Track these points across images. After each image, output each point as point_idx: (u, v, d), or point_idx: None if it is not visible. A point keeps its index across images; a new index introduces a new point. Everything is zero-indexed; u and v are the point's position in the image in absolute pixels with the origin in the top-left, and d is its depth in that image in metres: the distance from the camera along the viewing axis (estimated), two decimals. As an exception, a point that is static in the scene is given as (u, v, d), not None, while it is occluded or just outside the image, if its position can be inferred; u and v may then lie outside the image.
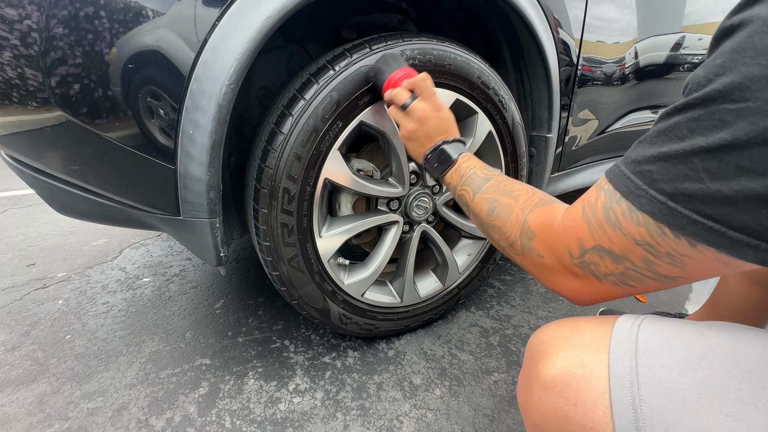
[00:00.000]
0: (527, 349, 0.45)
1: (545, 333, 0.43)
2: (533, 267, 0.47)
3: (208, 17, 0.60)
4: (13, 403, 0.85)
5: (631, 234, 0.35)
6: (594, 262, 0.39)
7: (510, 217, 0.50)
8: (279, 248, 0.78)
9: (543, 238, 0.45)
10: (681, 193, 0.30)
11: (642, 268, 0.36)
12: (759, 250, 0.28)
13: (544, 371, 0.39)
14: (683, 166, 0.30)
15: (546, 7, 0.91)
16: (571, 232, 0.41)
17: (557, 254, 0.43)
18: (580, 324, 0.41)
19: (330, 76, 0.71)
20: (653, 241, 0.34)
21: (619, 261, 0.37)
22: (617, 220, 0.36)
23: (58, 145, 0.67)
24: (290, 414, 0.81)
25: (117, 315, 1.14)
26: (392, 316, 0.98)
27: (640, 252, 0.35)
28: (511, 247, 0.50)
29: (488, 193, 0.55)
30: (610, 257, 0.38)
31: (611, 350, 0.36)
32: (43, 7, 0.55)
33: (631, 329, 0.37)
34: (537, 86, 1.02)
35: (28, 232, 1.77)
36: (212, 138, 0.64)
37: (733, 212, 0.28)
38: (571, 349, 0.38)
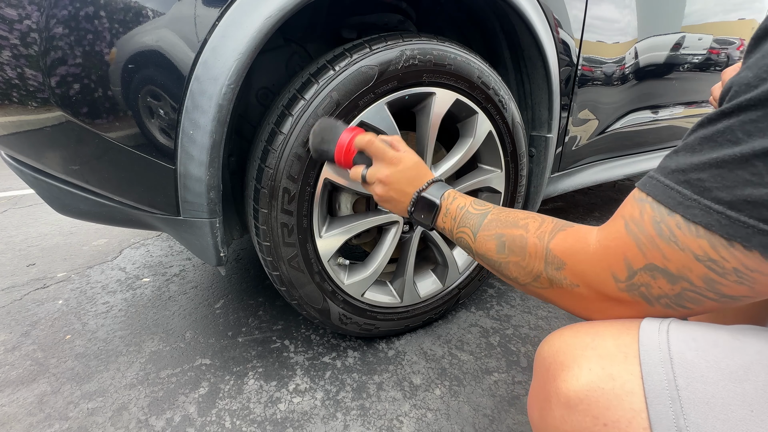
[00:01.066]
0: (539, 358, 0.40)
1: (561, 340, 0.38)
2: (566, 299, 0.41)
3: (208, 17, 0.60)
4: (13, 403, 0.85)
5: (691, 249, 0.31)
6: (645, 284, 0.35)
7: (526, 249, 0.44)
8: (279, 248, 0.78)
9: (575, 264, 0.40)
10: (743, 201, 0.28)
11: (702, 288, 0.32)
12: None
13: (566, 386, 0.35)
14: (743, 171, 0.28)
15: (546, 7, 0.91)
16: (614, 252, 0.36)
17: (598, 280, 0.38)
18: (600, 330, 0.37)
19: (330, 76, 0.71)
20: (717, 256, 0.30)
21: (676, 281, 0.33)
22: (672, 233, 0.32)
23: (58, 145, 0.67)
24: (290, 414, 0.81)
25: (117, 315, 1.14)
26: (392, 316, 0.98)
27: (700, 270, 0.31)
28: (536, 281, 0.44)
29: (490, 230, 0.50)
30: (665, 277, 0.33)
31: (642, 361, 0.32)
32: (43, 7, 0.55)
33: (659, 336, 0.33)
34: (537, 86, 1.02)
35: (28, 232, 1.77)
36: (212, 138, 0.64)
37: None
38: (596, 360, 0.34)
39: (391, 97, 0.77)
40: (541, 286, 0.43)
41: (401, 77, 0.76)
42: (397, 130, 0.80)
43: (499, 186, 1.00)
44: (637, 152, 1.43)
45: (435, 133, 0.85)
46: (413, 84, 0.78)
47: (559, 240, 0.42)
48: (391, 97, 0.77)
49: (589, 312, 0.40)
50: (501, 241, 0.48)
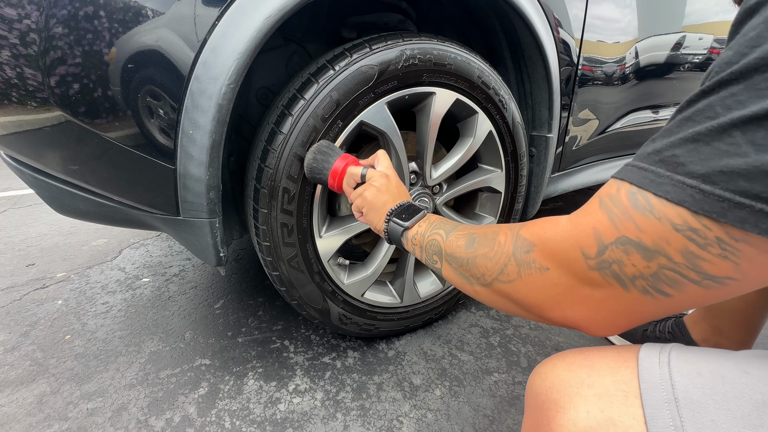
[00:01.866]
0: (530, 392, 0.37)
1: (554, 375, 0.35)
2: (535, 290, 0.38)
3: (207, 17, 0.60)
4: (12, 403, 0.85)
5: (669, 217, 0.28)
6: (617, 260, 0.31)
7: (496, 239, 0.42)
8: (279, 248, 0.78)
9: (544, 243, 0.37)
10: (718, 172, 0.26)
11: (681, 266, 0.29)
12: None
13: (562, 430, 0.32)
14: (719, 142, 0.26)
15: (546, 6, 0.91)
16: (584, 226, 0.33)
17: (566, 258, 0.34)
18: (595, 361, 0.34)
19: (330, 75, 0.71)
20: (699, 225, 0.27)
21: (652, 256, 0.30)
22: (648, 203, 0.29)
23: (57, 145, 0.67)
24: (290, 414, 0.81)
25: (116, 315, 1.14)
26: (392, 317, 0.97)
27: (679, 241, 0.28)
28: (503, 274, 0.40)
29: (464, 230, 0.48)
30: (639, 252, 0.30)
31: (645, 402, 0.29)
32: (42, 6, 0.55)
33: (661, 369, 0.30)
34: (537, 86, 1.02)
35: (28, 232, 1.76)
36: (212, 138, 0.64)
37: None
38: (593, 400, 0.31)
39: (391, 97, 0.77)
40: (508, 278, 0.39)
41: (401, 77, 0.76)
42: (397, 130, 0.80)
43: (500, 186, 1.00)
44: (638, 152, 1.43)
45: (435, 132, 0.85)
46: (413, 84, 0.78)
47: (529, 225, 0.40)
48: (391, 96, 0.77)
49: (562, 306, 0.36)
50: (471, 238, 0.46)
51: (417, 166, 0.88)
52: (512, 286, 0.39)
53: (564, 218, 0.37)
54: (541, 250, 0.37)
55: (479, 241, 0.44)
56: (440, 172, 0.90)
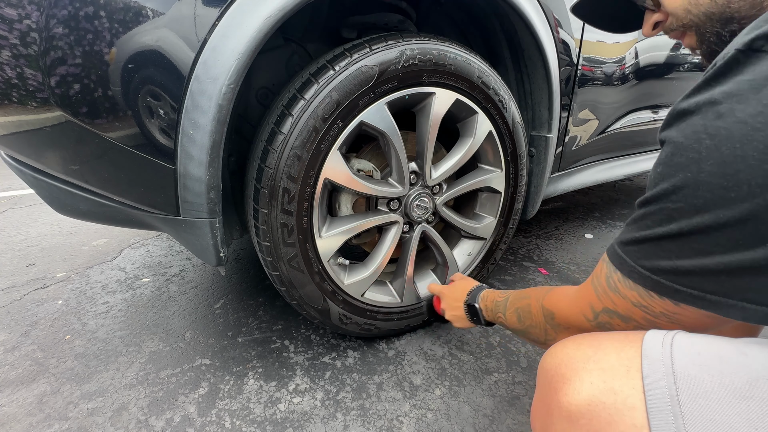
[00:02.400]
0: (541, 370, 0.41)
1: (563, 352, 0.40)
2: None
3: (208, 17, 0.60)
4: (12, 403, 0.85)
5: (628, 297, 0.40)
6: (607, 322, 0.44)
7: (531, 313, 0.57)
8: (279, 248, 0.78)
9: (560, 311, 0.51)
10: (658, 269, 0.36)
11: (647, 326, 0.39)
12: (737, 308, 0.32)
13: (567, 399, 0.35)
14: (655, 248, 0.36)
15: (546, 6, 0.91)
16: (583, 300, 0.47)
17: (576, 321, 0.48)
18: (603, 342, 0.38)
19: (330, 76, 0.71)
20: (646, 303, 0.39)
21: (627, 321, 0.41)
22: (615, 286, 0.41)
23: (58, 145, 0.67)
24: (290, 414, 0.81)
25: (117, 315, 1.14)
26: (392, 316, 0.98)
27: (639, 313, 0.40)
28: (548, 335, 0.54)
29: (510, 308, 0.64)
30: (619, 317, 0.42)
31: (645, 375, 0.33)
32: (42, 6, 0.55)
33: (663, 349, 0.33)
34: (537, 86, 1.02)
35: (28, 232, 1.76)
36: (212, 138, 0.64)
37: (702, 281, 0.33)
38: (597, 373, 0.35)
39: (391, 97, 0.77)
40: (552, 337, 0.53)
41: (401, 77, 0.76)
42: (397, 130, 0.80)
43: (499, 186, 1.00)
44: (638, 152, 1.43)
45: (435, 133, 0.85)
46: (413, 84, 0.78)
47: (549, 296, 0.54)
48: (391, 97, 0.77)
49: None
50: (518, 314, 0.61)
51: (417, 166, 0.88)
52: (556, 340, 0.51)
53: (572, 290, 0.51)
54: (560, 317, 0.52)
55: (523, 316, 0.60)
56: (440, 172, 0.90)
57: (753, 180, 0.29)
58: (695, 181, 0.32)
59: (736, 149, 0.30)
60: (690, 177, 0.32)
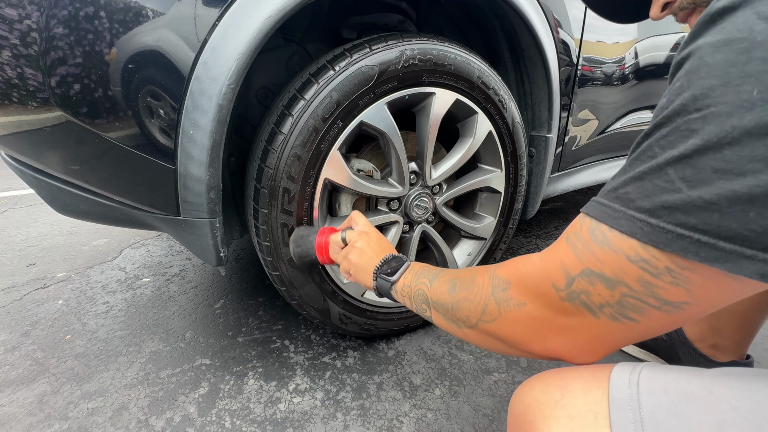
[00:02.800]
0: (511, 413, 0.40)
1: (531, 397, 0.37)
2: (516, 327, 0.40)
3: (208, 17, 0.60)
4: (13, 403, 0.85)
5: (623, 250, 0.32)
6: (584, 290, 0.34)
7: (475, 281, 0.45)
8: (279, 248, 0.78)
9: (519, 280, 0.40)
10: (660, 206, 0.29)
11: (641, 293, 0.32)
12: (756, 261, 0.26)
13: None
14: (659, 180, 0.30)
15: (546, 7, 0.91)
16: (553, 261, 0.37)
17: (539, 291, 0.38)
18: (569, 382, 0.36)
19: (330, 76, 0.71)
20: (648, 255, 0.30)
21: (614, 285, 0.33)
22: (605, 237, 0.33)
23: (58, 145, 0.67)
24: (290, 414, 0.81)
25: (117, 315, 1.14)
26: (392, 316, 0.98)
27: (635, 271, 0.31)
28: (485, 314, 0.43)
29: (446, 276, 0.52)
30: (602, 281, 0.33)
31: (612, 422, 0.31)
32: (43, 7, 0.55)
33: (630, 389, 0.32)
34: (537, 86, 1.02)
35: (28, 232, 1.77)
36: (212, 138, 0.64)
37: (718, 219, 0.27)
38: (565, 421, 0.33)
39: (391, 97, 0.77)
40: (490, 318, 0.42)
41: (401, 77, 0.76)
42: (397, 130, 0.80)
43: (499, 186, 1.00)
44: (637, 152, 1.43)
45: (435, 133, 0.85)
46: (413, 84, 0.78)
47: (504, 264, 0.44)
48: (391, 97, 0.77)
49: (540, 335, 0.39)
50: (453, 283, 0.49)
51: (417, 166, 0.88)
52: (495, 325, 0.42)
53: (535, 255, 0.41)
54: (517, 287, 0.40)
55: (460, 285, 0.47)
56: (440, 172, 0.90)
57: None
58: (742, 73, 0.26)
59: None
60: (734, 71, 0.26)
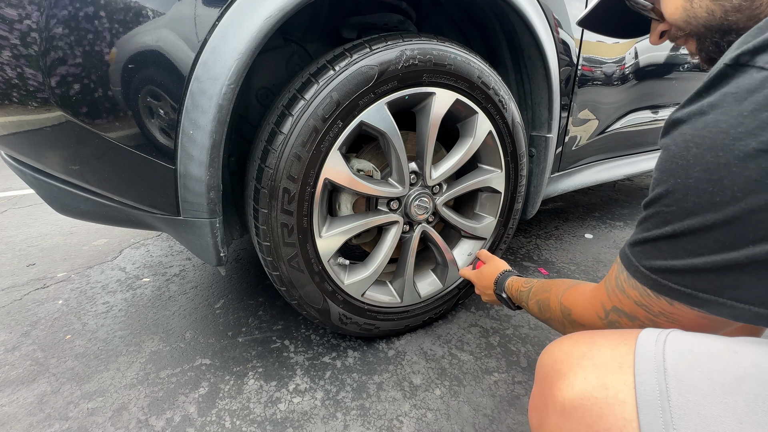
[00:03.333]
0: (539, 366, 0.43)
1: (559, 349, 0.41)
2: None
3: (208, 17, 0.60)
4: (13, 403, 0.85)
5: (631, 296, 0.43)
6: (617, 321, 0.46)
7: (550, 307, 0.60)
8: (279, 248, 0.78)
9: (576, 309, 0.54)
10: (655, 268, 0.39)
11: (650, 323, 0.42)
12: (726, 306, 0.34)
13: (561, 393, 0.37)
14: (653, 248, 0.39)
15: (546, 7, 0.91)
16: (596, 299, 0.50)
17: (589, 319, 0.51)
18: (598, 339, 0.39)
19: (330, 76, 0.71)
20: (645, 302, 0.41)
21: (633, 320, 0.44)
22: (621, 286, 0.44)
23: (58, 145, 0.67)
24: (290, 414, 0.81)
25: (117, 315, 1.14)
26: (392, 316, 0.98)
27: (641, 312, 0.42)
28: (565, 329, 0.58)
29: (532, 299, 0.68)
30: (626, 316, 0.44)
31: (636, 371, 0.34)
32: (43, 7, 0.55)
33: (656, 347, 0.34)
34: (537, 86, 1.02)
35: (28, 232, 1.77)
36: (212, 138, 0.64)
37: (693, 279, 0.36)
38: (591, 369, 0.36)
39: (391, 97, 0.77)
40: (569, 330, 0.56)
41: (401, 77, 0.76)
42: (397, 130, 0.80)
43: (499, 186, 1.00)
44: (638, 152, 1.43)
45: (435, 133, 0.85)
46: (413, 84, 0.78)
47: (567, 295, 0.57)
48: (391, 97, 0.77)
49: None
50: (539, 306, 0.64)
51: (417, 166, 0.88)
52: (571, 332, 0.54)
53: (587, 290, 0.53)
54: (575, 314, 0.54)
55: (543, 308, 0.63)
56: (440, 172, 0.90)
57: (735, 186, 0.31)
58: (684, 186, 0.35)
59: (719, 157, 0.32)
60: (680, 182, 0.35)
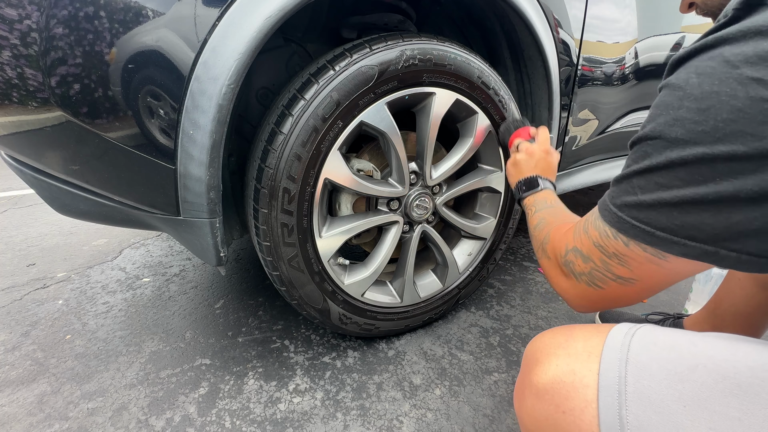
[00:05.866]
0: (524, 356, 0.47)
1: (541, 340, 0.45)
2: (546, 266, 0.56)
3: (208, 17, 0.60)
4: (13, 403, 0.85)
5: (591, 237, 0.45)
6: (572, 261, 0.48)
7: (543, 230, 0.62)
8: (279, 248, 0.78)
9: (551, 243, 0.55)
10: (623, 204, 0.40)
11: (601, 269, 0.44)
12: (679, 245, 0.36)
13: (536, 378, 0.41)
14: (626, 185, 0.40)
15: (546, 7, 0.91)
16: (564, 238, 0.52)
17: (555, 253, 0.53)
18: (575, 332, 0.43)
19: (330, 76, 0.71)
20: (602, 243, 0.43)
21: (586, 260, 0.46)
22: (586, 227, 0.46)
23: (58, 145, 0.67)
24: (290, 414, 0.81)
25: (117, 315, 1.14)
26: (392, 316, 0.98)
27: (596, 253, 0.44)
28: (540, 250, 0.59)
29: (543, 213, 0.67)
30: (581, 257, 0.47)
31: (602, 360, 0.37)
32: (43, 7, 0.55)
33: (624, 339, 0.38)
34: (537, 86, 1.02)
35: (28, 232, 1.77)
36: (212, 138, 0.64)
37: (656, 216, 0.37)
38: (564, 357, 0.40)
39: (391, 97, 0.77)
40: (541, 255, 0.58)
41: (401, 77, 0.76)
42: (397, 130, 0.80)
43: (499, 186, 1.00)
44: (637, 152, 1.43)
45: (435, 133, 0.85)
46: (413, 84, 0.78)
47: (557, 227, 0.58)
48: (391, 97, 0.77)
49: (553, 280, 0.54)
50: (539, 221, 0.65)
51: (417, 166, 0.88)
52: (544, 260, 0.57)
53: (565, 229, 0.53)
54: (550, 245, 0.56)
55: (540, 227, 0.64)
56: (440, 172, 0.90)
57: (719, 116, 0.32)
58: (674, 118, 0.35)
59: (714, 85, 0.32)
60: (671, 114, 0.35)
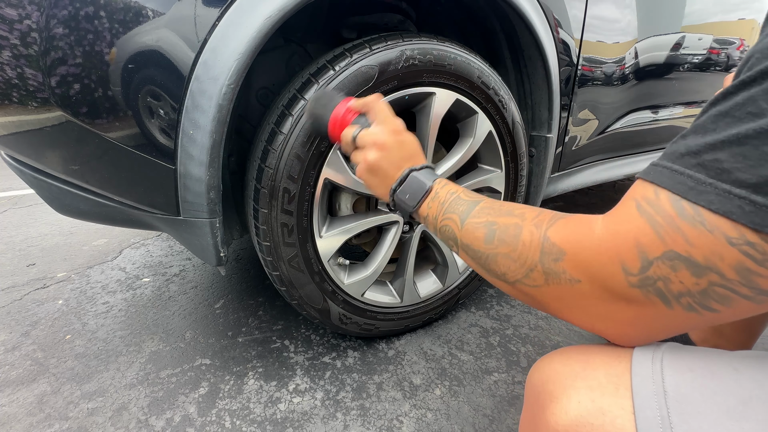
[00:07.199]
0: (528, 385, 0.39)
1: (550, 368, 0.36)
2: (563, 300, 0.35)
3: (208, 17, 0.60)
4: (13, 403, 0.85)
5: (722, 230, 0.25)
6: (663, 278, 0.28)
7: (520, 238, 0.38)
8: (279, 248, 0.78)
9: (576, 253, 0.33)
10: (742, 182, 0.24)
11: (734, 282, 0.26)
12: None
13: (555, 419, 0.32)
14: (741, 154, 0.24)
15: (546, 7, 0.91)
16: (625, 237, 0.30)
17: (604, 273, 0.32)
18: (591, 357, 0.34)
19: (330, 76, 0.71)
20: (757, 239, 0.24)
21: (702, 273, 0.27)
22: (698, 213, 0.26)
23: (58, 145, 0.67)
24: (290, 414, 0.81)
25: (117, 315, 1.14)
26: (392, 316, 0.98)
27: (734, 256, 0.25)
28: (528, 277, 0.37)
29: (481, 217, 0.44)
30: (689, 268, 0.27)
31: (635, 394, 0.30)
32: (43, 7, 0.55)
33: (653, 365, 0.31)
34: (537, 86, 1.02)
35: (28, 232, 1.77)
36: (212, 138, 0.64)
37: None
38: (585, 392, 0.32)
39: (391, 97, 0.77)
40: (533, 283, 0.37)
41: (401, 77, 0.76)
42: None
43: (499, 186, 1.00)
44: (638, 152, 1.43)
45: (435, 133, 0.85)
46: (413, 84, 0.78)
47: (559, 227, 0.36)
48: (391, 97, 0.77)
49: (590, 317, 0.34)
50: (491, 230, 0.41)
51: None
52: (538, 291, 0.37)
53: (598, 223, 0.33)
54: (573, 261, 0.34)
55: (499, 237, 0.40)
56: (440, 172, 0.90)
57: None
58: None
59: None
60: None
